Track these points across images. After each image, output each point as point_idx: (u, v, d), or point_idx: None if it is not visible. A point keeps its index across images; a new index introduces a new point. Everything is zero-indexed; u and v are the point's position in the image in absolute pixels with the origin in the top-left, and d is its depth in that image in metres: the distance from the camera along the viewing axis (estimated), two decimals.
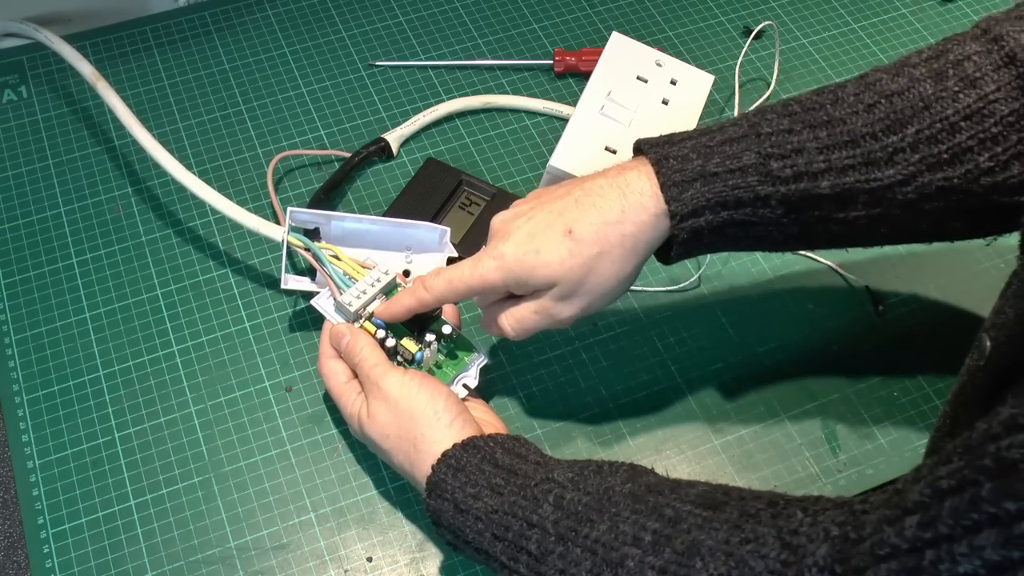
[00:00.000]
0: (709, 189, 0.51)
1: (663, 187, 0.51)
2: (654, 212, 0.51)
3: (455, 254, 0.66)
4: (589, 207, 0.53)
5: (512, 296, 0.56)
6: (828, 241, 0.55)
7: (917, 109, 0.50)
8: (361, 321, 0.59)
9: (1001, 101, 0.49)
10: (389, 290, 0.61)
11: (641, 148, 0.54)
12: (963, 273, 0.69)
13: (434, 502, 0.50)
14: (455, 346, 0.60)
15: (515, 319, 0.55)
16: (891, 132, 0.50)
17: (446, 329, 0.59)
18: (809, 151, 0.50)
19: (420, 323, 0.59)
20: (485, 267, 0.54)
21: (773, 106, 0.53)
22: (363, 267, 0.62)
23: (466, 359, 0.59)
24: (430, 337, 0.58)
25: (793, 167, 0.50)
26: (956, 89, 0.50)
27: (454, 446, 0.51)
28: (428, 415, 0.52)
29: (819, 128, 0.51)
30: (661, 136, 0.54)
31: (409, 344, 0.58)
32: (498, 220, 0.56)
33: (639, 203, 0.52)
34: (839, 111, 0.51)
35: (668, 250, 0.54)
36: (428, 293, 0.56)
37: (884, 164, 0.50)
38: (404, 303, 0.57)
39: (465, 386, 0.59)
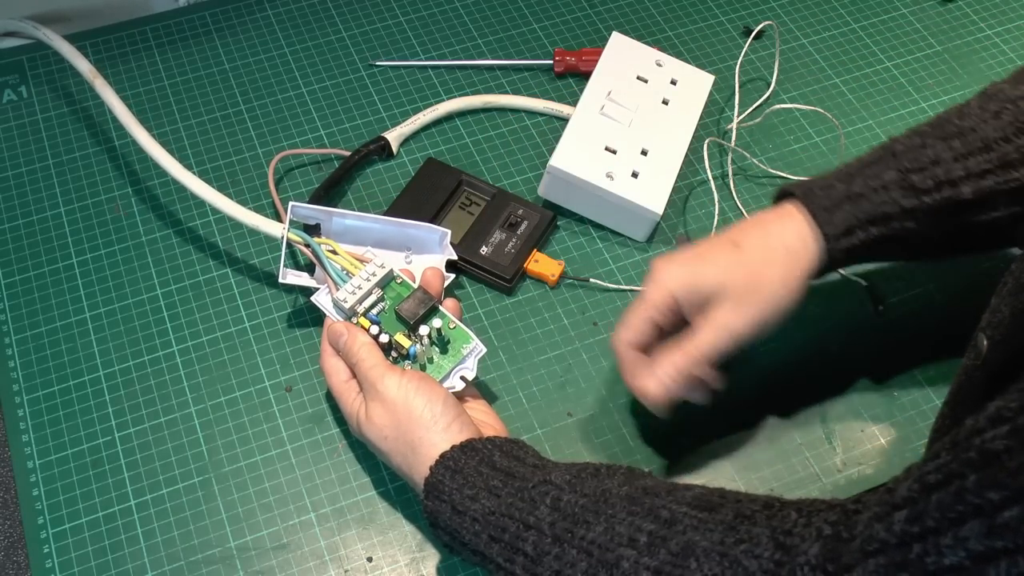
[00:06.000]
0: (857, 208, 0.54)
1: (813, 214, 0.55)
2: (811, 235, 0.55)
3: (454, 256, 0.66)
4: (752, 229, 0.56)
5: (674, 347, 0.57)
6: (970, 245, 0.57)
7: None
8: (357, 317, 0.59)
9: None
10: (386, 284, 0.61)
11: (785, 190, 0.57)
12: (963, 273, 0.69)
13: (432, 503, 0.50)
14: (451, 338, 0.59)
15: (697, 347, 0.54)
16: (1022, 134, 0.53)
17: (438, 323, 0.59)
18: (946, 161, 0.53)
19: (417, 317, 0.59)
20: (652, 289, 0.56)
21: (902, 133, 0.57)
22: (360, 260, 0.62)
23: (463, 350, 0.59)
24: (424, 331, 0.58)
25: (934, 177, 0.53)
26: None
27: (452, 448, 0.51)
28: (426, 418, 0.52)
29: (951, 139, 0.54)
30: (801, 180, 0.58)
31: (402, 339, 0.58)
32: (659, 259, 0.58)
33: (796, 227, 0.55)
34: (967, 122, 0.54)
35: (819, 271, 0.56)
36: (619, 344, 0.56)
37: (1020, 164, 0.52)
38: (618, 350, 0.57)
39: (463, 378, 0.58)
